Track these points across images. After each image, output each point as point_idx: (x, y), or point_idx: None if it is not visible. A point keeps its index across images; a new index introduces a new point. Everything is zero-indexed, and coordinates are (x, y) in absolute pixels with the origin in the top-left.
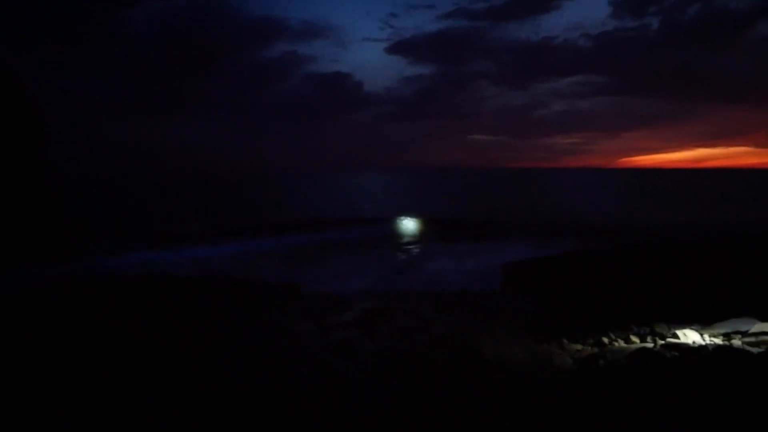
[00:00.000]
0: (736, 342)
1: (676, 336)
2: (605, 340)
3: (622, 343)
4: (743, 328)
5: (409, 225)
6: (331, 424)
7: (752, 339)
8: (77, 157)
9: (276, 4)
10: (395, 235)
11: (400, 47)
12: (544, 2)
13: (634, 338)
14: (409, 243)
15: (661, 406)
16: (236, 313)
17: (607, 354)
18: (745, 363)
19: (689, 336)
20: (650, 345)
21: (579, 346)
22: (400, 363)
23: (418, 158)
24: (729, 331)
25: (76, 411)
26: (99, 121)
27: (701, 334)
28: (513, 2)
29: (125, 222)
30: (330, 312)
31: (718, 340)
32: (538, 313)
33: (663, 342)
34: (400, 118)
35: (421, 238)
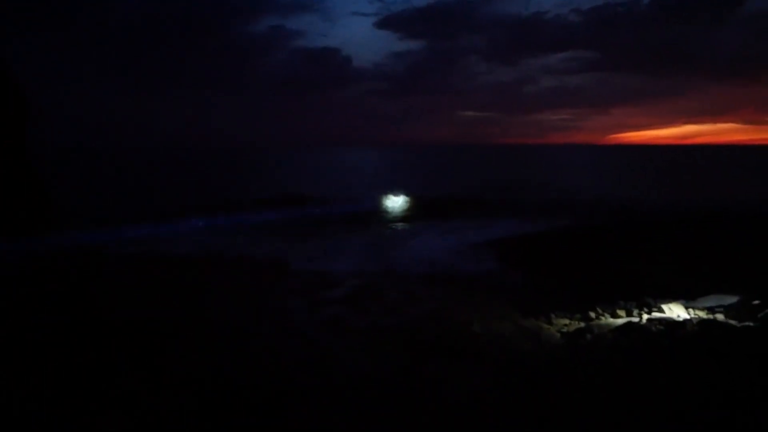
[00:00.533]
0: (720, 316)
1: (661, 310)
2: (592, 314)
3: (608, 318)
4: (726, 303)
5: (397, 202)
6: (318, 399)
7: (735, 313)
8: (66, 134)
9: None
10: (384, 213)
11: (389, 22)
12: None
13: (620, 312)
14: (397, 220)
15: (646, 378)
16: (227, 290)
17: (594, 328)
18: (729, 336)
19: (674, 310)
20: (636, 319)
21: (566, 321)
22: (388, 338)
23: (407, 134)
24: (713, 305)
25: (68, 393)
26: (87, 96)
27: (686, 308)
28: None
29: (112, 197)
30: (319, 289)
31: (703, 314)
32: (527, 289)
33: (649, 316)
34: (389, 94)
35: (409, 215)
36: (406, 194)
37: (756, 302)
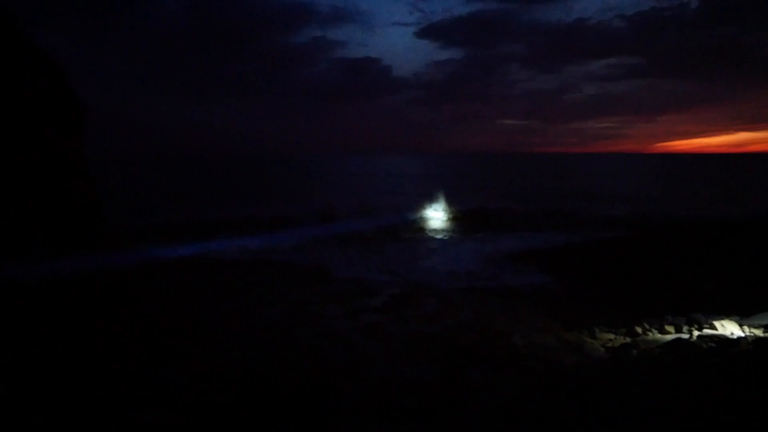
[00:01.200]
0: None
1: (713, 327)
2: (638, 329)
3: (656, 333)
4: None
5: (437, 211)
6: (358, 401)
7: None
8: (106, 139)
9: None
10: (423, 222)
11: (429, 31)
12: None
13: (668, 328)
14: (437, 230)
15: (695, 395)
16: (268, 294)
17: (641, 343)
18: None
19: (727, 327)
20: (686, 336)
21: (611, 335)
22: (428, 346)
23: (447, 143)
24: None
25: (108, 378)
26: (129, 101)
27: (740, 326)
28: None
29: (156, 206)
30: (359, 296)
31: (759, 332)
32: (569, 301)
33: (699, 333)
34: (429, 103)
35: (449, 224)
36: (446, 203)
37: None
